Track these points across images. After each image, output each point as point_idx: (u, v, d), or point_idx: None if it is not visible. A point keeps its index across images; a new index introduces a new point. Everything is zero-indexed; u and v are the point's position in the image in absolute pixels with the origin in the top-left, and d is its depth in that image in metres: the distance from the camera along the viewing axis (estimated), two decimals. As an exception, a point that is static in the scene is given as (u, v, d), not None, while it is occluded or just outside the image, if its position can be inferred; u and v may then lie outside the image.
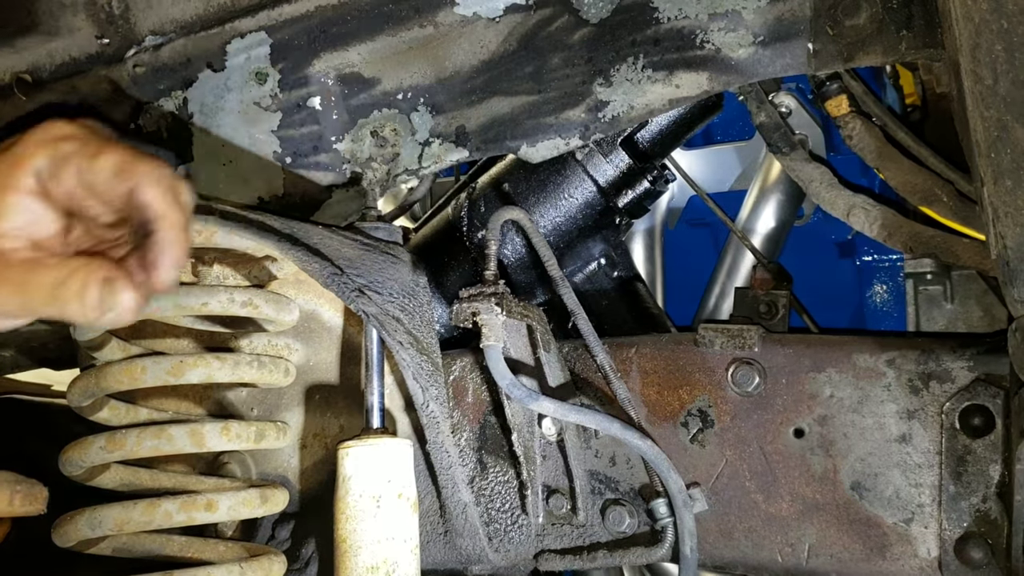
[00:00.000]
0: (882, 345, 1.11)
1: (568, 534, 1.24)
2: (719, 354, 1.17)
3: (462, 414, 1.28)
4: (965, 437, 1.04)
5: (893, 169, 1.22)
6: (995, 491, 1.02)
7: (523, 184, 1.38)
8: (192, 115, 1.28)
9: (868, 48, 0.99)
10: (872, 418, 1.09)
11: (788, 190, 1.67)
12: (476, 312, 1.09)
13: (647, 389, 1.21)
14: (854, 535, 1.09)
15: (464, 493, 1.21)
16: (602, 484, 1.22)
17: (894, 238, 1.22)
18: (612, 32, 1.10)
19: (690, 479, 1.17)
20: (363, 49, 1.19)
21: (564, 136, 1.15)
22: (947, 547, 1.04)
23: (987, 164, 0.78)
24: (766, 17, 1.03)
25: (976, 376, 1.05)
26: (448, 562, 1.27)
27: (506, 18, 1.14)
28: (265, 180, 1.28)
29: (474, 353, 1.29)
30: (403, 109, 1.21)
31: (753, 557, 1.15)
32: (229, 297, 1.13)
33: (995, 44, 0.71)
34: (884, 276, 1.69)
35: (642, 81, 1.09)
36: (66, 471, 1.18)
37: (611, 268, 1.49)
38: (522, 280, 1.40)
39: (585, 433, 1.23)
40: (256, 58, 1.23)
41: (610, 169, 1.35)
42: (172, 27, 1.26)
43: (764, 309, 1.31)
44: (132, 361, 1.12)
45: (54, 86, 1.34)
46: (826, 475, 1.11)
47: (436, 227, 1.49)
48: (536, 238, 1.24)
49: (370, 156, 1.23)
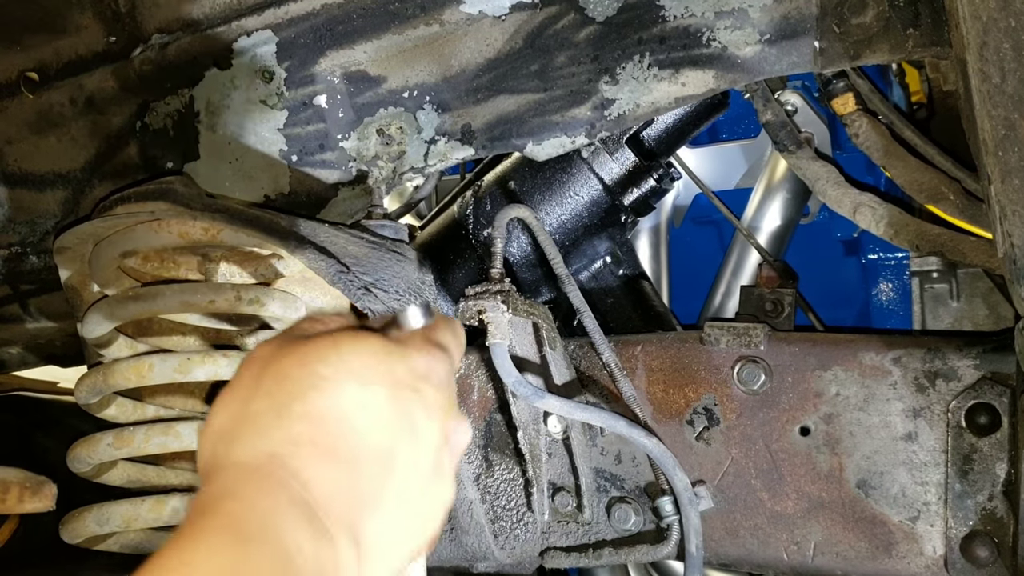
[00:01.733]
0: (888, 343, 1.11)
1: (573, 532, 1.24)
2: (725, 352, 1.17)
3: (468, 411, 1.28)
4: (971, 435, 1.04)
5: (899, 167, 1.22)
6: (1001, 489, 1.02)
7: (529, 182, 1.38)
8: (198, 113, 1.28)
9: (875, 46, 0.99)
10: (878, 416, 1.09)
11: (794, 188, 1.66)
12: (482, 310, 1.09)
13: (653, 387, 1.21)
14: (860, 533, 1.09)
15: (470, 490, 1.22)
16: (608, 482, 1.23)
17: (900, 236, 1.22)
18: (618, 30, 1.10)
19: (696, 477, 1.17)
20: (369, 47, 1.19)
21: (570, 134, 1.15)
22: (953, 545, 1.04)
23: (994, 162, 0.78)
24: (772, 15, 1.03)
25: (982, 374, 1.05)
26: (454, 559, 1.28)
27: (512, 16, 1.14)
28: (271, 178, 1.28)
29: (480, 351, 1.29)
30: (409, 107, 1.21)
31: (758, 555, 1.15)
32: (236, 295, 1.13)
33: (1003, 42, 0.71)
34: (890, 274, 1.68)
35: (648, 79, 1.09)
36: (74, 468, 1.19)
37: (617, 266, 1.49)
38: (528, 278, 1.40)
39: (591, 431, 1.23)
40: (262, 56, 1.23)
41: (616, 167, 1.35)
42: (178, 25, 1.26)
43: (770, 307, 1.30)
44: (139, 359, 1.13)
45: (61, 84, 1.34)
46: (832, 473, 1.11)
47: (442, 225, 1.49)
48: (542, 236, 1.24)
49: (376, 154, 1.23)
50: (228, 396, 0.64)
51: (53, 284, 1.31)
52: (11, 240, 1.46)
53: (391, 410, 0.63)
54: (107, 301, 1.12)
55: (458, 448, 0.71)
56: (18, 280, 1.52)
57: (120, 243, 1.10)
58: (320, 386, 0.61)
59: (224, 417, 0.63)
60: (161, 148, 1.32)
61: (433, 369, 0.68)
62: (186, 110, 1.29)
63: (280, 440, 0.59)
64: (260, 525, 0.54)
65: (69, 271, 1.21)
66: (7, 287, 1.56)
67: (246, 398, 0.62)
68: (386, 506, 0.62)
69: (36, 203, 1.42)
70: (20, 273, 1.49)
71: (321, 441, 0.59)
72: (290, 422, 0.60)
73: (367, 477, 0.61)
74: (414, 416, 0.64)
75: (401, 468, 0.63)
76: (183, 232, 1.10)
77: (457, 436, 0.70)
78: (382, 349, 0.65)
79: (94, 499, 1.17)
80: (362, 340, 0.65)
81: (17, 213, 1.44)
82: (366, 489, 0.60)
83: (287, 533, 0.55)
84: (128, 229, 1.10)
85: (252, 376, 0.64)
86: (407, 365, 0.65)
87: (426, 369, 0.67)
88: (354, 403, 0.61)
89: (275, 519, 0.55)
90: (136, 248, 1.11)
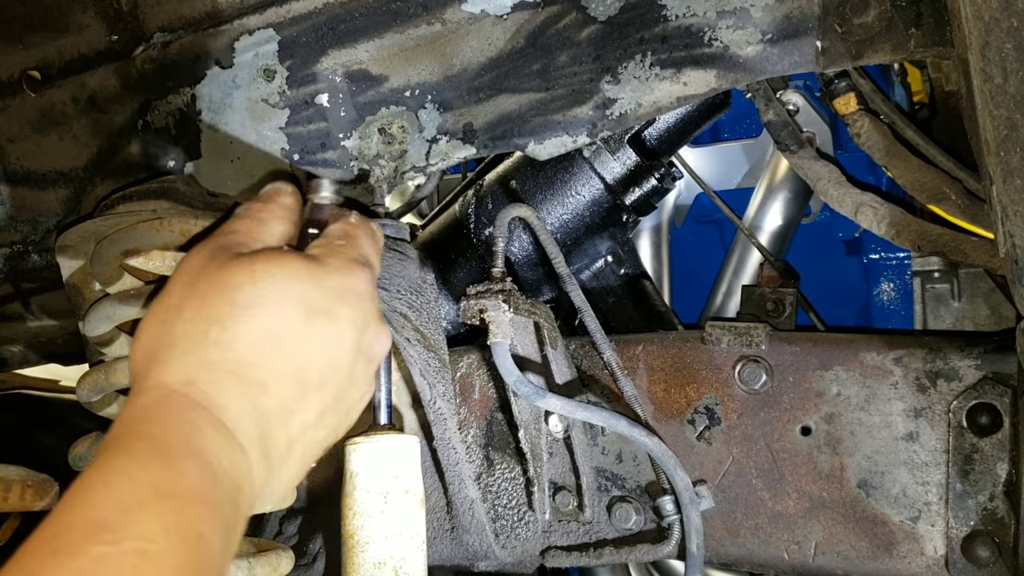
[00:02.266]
0: (889, 343, 1.11)
1: (574, 531, 1.24)
2: (726, 352, 1.17)
3: (469, 411, 1.28)
4: (972, 435, 1.04)
5: (901, 167, 1.22)
6: (1002, 489, 1.02)
7: (530, 181, 1.38)
8: (200, 112, 1.28)
9: (877, 46, 0.99)
10: (879, 416, 1.09)
11: (795, 188, 1.66)
12: (483, 309, 1.09)
13: (654, 386, 1.21)
14: (861, 533, 1.09)
15: (471, 489, 1.22)
16: (609, 481, 1.23)
17: (902, 236, 1.22)
18: (620, 30, 1.10)
19: (697, 476, 1.17)
20: (371, 46, 1.19)
21: (571, 133, 1.15)
22: (954, 545, 1.04)
23: (996, 162, 0.78)
24: (774, 15, 1.03)
25: (983, 375, 1.05)
26: (455, 558, 1.28)
27: (514, 15, 1.14)
28: (273, 177, 1.28)
29: (481, 350, 1.29)
30: (411, 106, 1.21)
31: (759, 554, 1.15)
32: (237, 293, 1.13)
33: (1005, 42, 0.71)
34: (891, 274, 1.68)
35: (650, 79, 1.09)
36: (76, 466, 1.19)
37: (618, 265, 1.49)
38: (529, 277, 1.40)
39: (592, 430, 1.23)
40: (264, 55, 1.23)
41: (617, 166, 1.35)
42: (180, 24, 1.26)
43: (771, 307, 1.30)
44: (141, 357, 1.12)
45: (63, 82, 1.34)
46: (833, 473, 1.11)
47: (443, 224, 1.49)
48: (543, 235, 1.24)
49: (378, 153, 1.23)
50: (155, 314, 0.71)
51: (55, 282, 1.31)
52: (13, 238, 1.46)
53: (301, 334, 0.70)
54: (109, 299, 1.12)
55: (376, 356, 0.79)
56: (20, 278, 1.52)
57: (122, 241, 1.10)
58: (234, 315, 0.68)
59: (150, 335, 0.70)
60: (163, 147, 1.32)
61: (349, 287, 0.75)
62: (188, 108, 1.29)
63: (197, 365, 0.66)
64: (183, 444, 0.61)
65: (71, 269, 1.21)
66: (9, 285, 1.56)
67: (171, 320, 0.70)
68: (295, 419, 0.70)
69: (38, 201, 1.42)
70: (22, 271, 1.49)
71: (233, 367, 0.67)
72: (205, 349, 0.67)
73: (276, 397, 0.68)
74: (325, 335, 0.72)
75: (312, 384, 0.71)
76: (185, 231, 1.10)
77: (375, 346, 0.78)
78: (297, 274, 0.72)
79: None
80: (279, 265, 0.72)
81: (19, 211, 1.44)
82: (274, 407, 0.68)
83: (207, 449, 0.61)
84: (130, 227, 1.10)
85: (177, 296, 0.71)
86: (321, 289, 0.73)
87: (341, 289, 0.74)
88: (265, 330, 0.69)
89: (196, 439, 0.62)
90: (138, 246, 1.11)
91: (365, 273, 0.78)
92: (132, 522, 0.53)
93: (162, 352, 0.67)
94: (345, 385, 0.75)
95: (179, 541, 0.54)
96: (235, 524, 0.61)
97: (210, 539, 0.56)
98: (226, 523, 0.59)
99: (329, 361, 0.73)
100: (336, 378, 0.73)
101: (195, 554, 0.55)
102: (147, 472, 0.57)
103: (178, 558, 0.53)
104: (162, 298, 0.72)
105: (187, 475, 0.58)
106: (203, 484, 0.59)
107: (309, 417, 0.72)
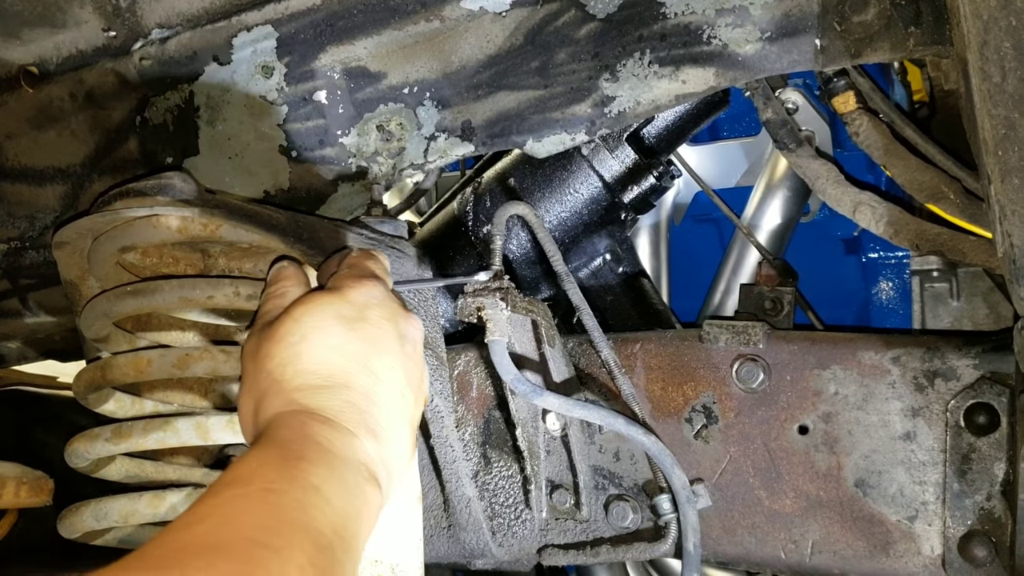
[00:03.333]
0: (887, 342, 1.11)
1: (571, 529, 1.24)
2: (724, 350, 1.17)
3: (466, 408, 1.28)
4: (970, 435, 1.04)
5: (900, 166, 1.22)
6: (999, 489, 1.02)
7: (529, 179, 1.37)
8: (198, 108, 1.28)
9: (876, 44, 0.99)
10: (877, 415, 1.09)
11: (794, 186, 1.66)
12: (481, 307, 1.09)
13: (652, 385, 1.21)
14: (858, 532, 1.09)
15: (468, 487, 1.22)
16: (606, 479, 1.22)
17: (900, 235, 1.21)
18: (619, 27, 1.10)
19: (694, 475, 1.17)
20: (369, 43, 1.19)
21: (570, 131, 1.14)
22: (951, 545, 1.04)
23: (994, 162, 0.77)
24: (773, 13, 1.02)
25: (981, 374, 1.05)
26: (452, 556, 1.28)
27: (512, 12, 1.14)
28: (271, 174, 1.28)
29: (479, 348, 1.29)
30: (409, 103, 1.21)
31: (756, 553, 1.15)
32: (235, 290, 1.13)
33: (1004, 41, 0.71)
34: (890, 273, 1.68)
35: (648, 77, 1.09)
36: (72, 463, 1.18)
37: (616, 264, 1.49)
38: (527, 275, 1.40)
39: (589, 428, 1.23)
40: (262, 52, 1.23)
41: (616, 165, 1.35)
42: (178, 20, 1.26)
43: (769, 305, 1.30)
44: (138, 354, 1.12)
45: (60, 79, 1.34)
46: (830, 472, 1.11)
47: (441, 222, 1.49)
48: (541, 233, 1.24)
49: (376, 150, 1.23)
50: (242, 394, 0.87)
51: (52, 279, 1.31)
52: (10, 235, 1.46)
53: (351, 339, 0.85)
54: (106, 296, 1.12)
55: (416, 339, 0.93)
56: (17, 274, 1.52)
57: (119, 238, 1.10)
58: (297, 350, 0.84)
59: (246, 401, 0.85)
60: (161, 143, 1.32)
61: (368, 295, 0.89)
62: (186, 105, 1.29)
63: (290, 393, 0.81)
64: (323, 443, 0.76)
65: (68, 266, 1.21)
66: (6, 281, 1.55)
67: (255, 384, 0.85)
68: (381, 400, 0.84)
69: (35, 198, 1.42)
70: (19, 267, 1.49)
71: (316, 382, 0.82)
72: (291, 380, 0.82)
73: (359, 390, 0.83)
74: (369, 334, 0.86)
75: (380, 371, 0.85)
76: (182, 227, 1.10)
77: (411, 331, 0.92)
78: (326, 301, 0.87)
79: (92, 494, 1.17)
80: (309, 302, 0.87)
81: (16, 208, 1.44)
82: (360, 398, 0.83)
83: (318, 434, 0.76)
84: (127, 224, 1.09)
85: (251, 369, 0.87)
86: (349, 303, 0.87)
87: (363, 299, 0.89)
88: (324, 348, 0.84)
89: (308, 429, 0.77)
90: (135, 243, 1.10)
91: (377, 283, 0.92)
92: (258, 474, 0.70)
93: (261, 404, 0.82)
94: (405, 364, 0.88)
95: (297, 487, 0.70)
96: (355, 487, 0.75)
97: (324, 490, 0.71)
98: (345, 486, 0.74)
99: (382, 352, 0.86)
100: (394, 361, 0.87)
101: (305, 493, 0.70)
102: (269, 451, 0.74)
103: (295, 495, 0.69)
104: (243, 379, 0.88)
105: (305, 450, 0.74)
106: (318, 455, 0.74)
107: (392, 394, 0.86)
